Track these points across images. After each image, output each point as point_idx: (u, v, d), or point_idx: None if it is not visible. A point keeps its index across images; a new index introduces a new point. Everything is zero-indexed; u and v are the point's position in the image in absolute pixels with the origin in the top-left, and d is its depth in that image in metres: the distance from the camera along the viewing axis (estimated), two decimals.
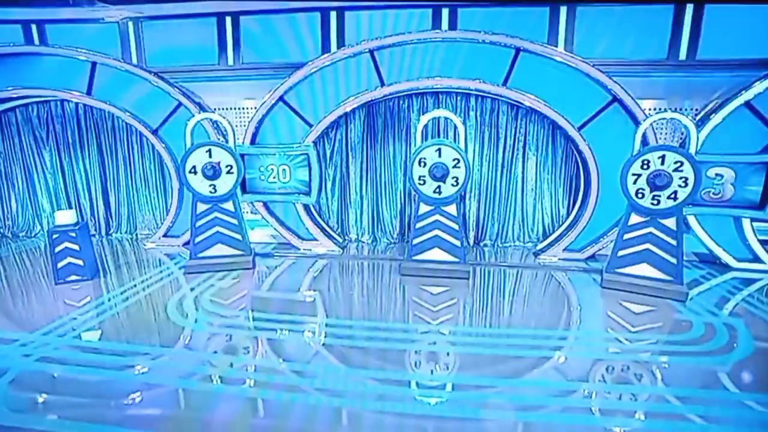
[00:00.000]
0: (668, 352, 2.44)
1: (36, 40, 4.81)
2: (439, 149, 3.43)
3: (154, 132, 4.37)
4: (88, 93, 4.29)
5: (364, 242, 4.68)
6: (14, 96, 4.40)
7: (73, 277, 3.44)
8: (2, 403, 1.96)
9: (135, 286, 3.42)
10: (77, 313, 2.90)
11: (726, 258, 3.73)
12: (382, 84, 3.98)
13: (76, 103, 4.59)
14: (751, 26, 3.85)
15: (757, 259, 3.67)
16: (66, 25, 4.73)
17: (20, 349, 2.42)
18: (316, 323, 2.84)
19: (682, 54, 4.06)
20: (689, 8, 3.91)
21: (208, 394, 2.05)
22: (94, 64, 4.23)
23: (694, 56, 4.05)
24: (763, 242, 3.67)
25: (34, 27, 4.78)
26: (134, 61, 4.78)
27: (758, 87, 3.41)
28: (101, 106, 4.32)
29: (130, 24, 4.70)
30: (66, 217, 3.44)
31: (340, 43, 4.47)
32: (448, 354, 2.43)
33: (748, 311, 2.93)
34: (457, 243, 3.55)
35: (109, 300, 3.14)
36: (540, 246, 4.27)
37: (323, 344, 2.55)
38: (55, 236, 3.37)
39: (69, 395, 2.04)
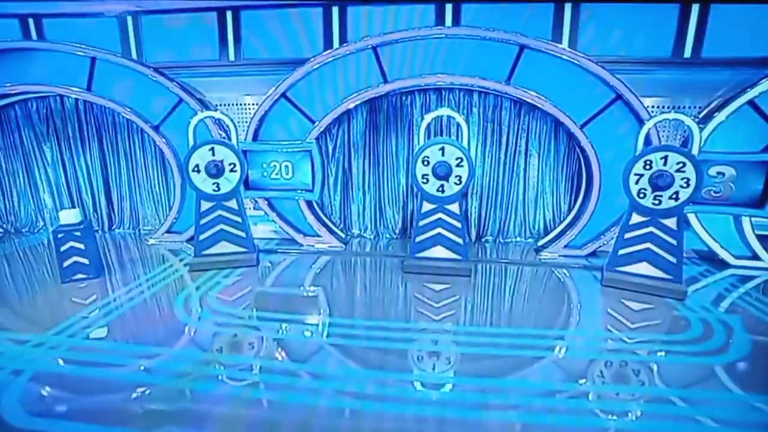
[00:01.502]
0: (666, 350, 2.50)
1: (34, 35, 4.75)
2: (443, 148, 3.43)
3: (155, 128, 4.36)
4: (88, 88, 4.26)
5: (366, 238, 4.72)
6: (12, 92, 4.36)
7: (79, 276, 3.47)
8: (18, 404, 2.01)
9: (140, 285, 3.46)
10: (85, 312, 2.94)
11: (724, 255, 3.78)
12: (385, 80, 3.96)
13: (76, 99, 4.56)
14: (756, 24, 3.82)
15: (755, 256, 3.72)
16: (64, 19, 4.66)
17: (33, 349, 2.47)
18: (318, 320, 2.89)
19: (687, 52, 4.03)
20: (695, 6, 3.88)
21: (213, 391, 2.10)
22: (93, 59, 4.19)
23: (699, 54, 4.03)
24: (761, 239, 3.71)
25: (31, 21, 4.71)
26: (134, 56, 4.72)
27: (763, 85, 3.41)
28: (101, 102, 4.29)
29: (129, 18, 4.64)
30: (70, 216, 3.46)
31: (343, 39, 4.42)
32: (450, 351, 2.48)
33: (746, 309, 2.99)
34: (460, 240, 3.58)
35: (115, 300, 3.17)
36: (541, 242, 4.31)
37: (326, 341, 2.59)
38: (60, 235, 3.38)
39: (82, 394, 2.09)
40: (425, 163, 3.46)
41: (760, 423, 1.92)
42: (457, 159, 3.42)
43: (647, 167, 3.07)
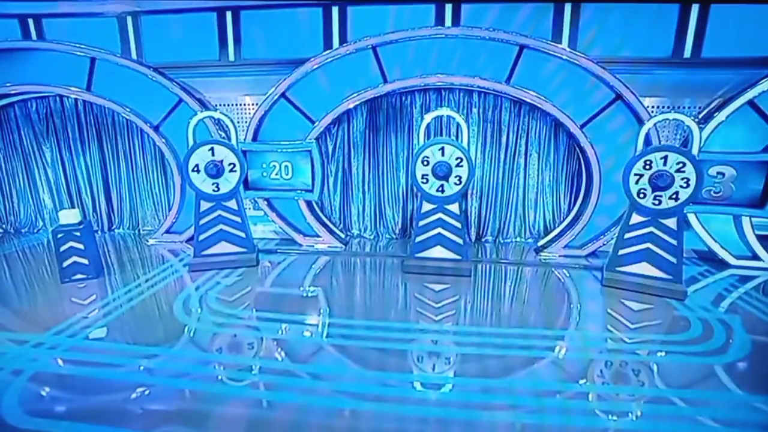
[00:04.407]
0: (666, 350, 2.49)
1: (33, 35, 4.75)
2: (443, 148, 3.43)
3: (155, 128, 4.35)
4: (88, 88, 4.26)
5: (366, 238, 4.72)
6: (12, 92, 4.36)
7: (79, 276, 3.47)
8: (18, 405, 2.01)
9: (140, 285, 3.45)
10: (85, 312, 2.94)
11: (724, 255, 3.78)
12: (385, 81, 3.96)
13: (75, 99, 4.56)
14: (756, 24, 3.83)
15: (755, 256, 3.72)
16: (64, 19, 4.66)
17: (32, 350, 2.46)
18: (318, 320, 2.89)
19: (687, 52, 4.04)
20: (695, 6, 3.88)
21: (213, 391, 2.10)
22: (93, 59, 4.19)
23: (699, 54, 4.03)
24: (761, 239, 3.71)
25: (31, 21, 4.71)
26: (134, 56, 4.72)
27: (763, 85, 3.41)
28: (101, 102, 4.29)
29: (129, 18, 4.64)
30: (70, 216, 3.45)
31: (343, 39, 4.42)
32: (449, 352, 2.48)
33: (746, 309, 2.99)
34: (460, 241, 3.58)
35: (115, 300, 3.17)
36: (541, 243, 4.31)
37: (325, 341, 2.59)
38: (59, 235, 3.38)
39: (82, 394, 2.09)
40: (425, 163, 3.46)
41: (760, 423, 1.92)
42: (457, 159, 3.42)
43: (647, 167, 3.07)
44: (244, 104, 4.65)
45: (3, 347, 2.49)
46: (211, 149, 3.64)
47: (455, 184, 3.45)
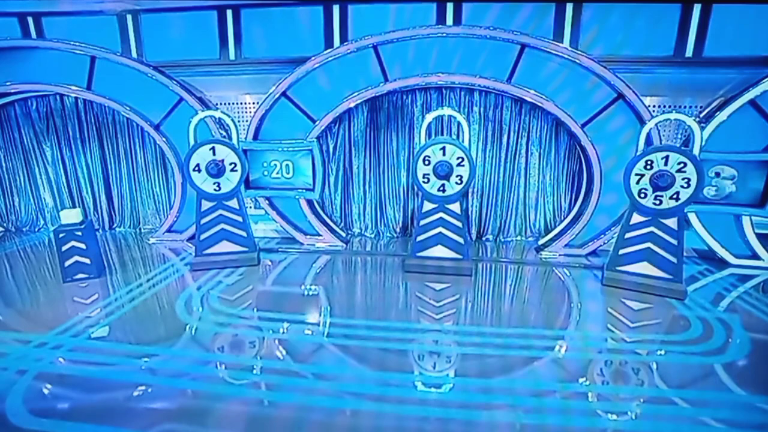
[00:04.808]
0: (666, 350, 2.51)
1: (33, 34, 4.74)
2: (444, 147, 3.43)
3: (156, 127, 4.35)
4: (88, 87, 4.25)
5: (367, 237, 4.72)
6: (12, 91, 4.35)
7: (81, 275, 3.47)
8: (22, 404, 2.02)
9: (141, 284, 3.46)
10: (87, 311, 2.95)
11: (724, 254, 3.78)
12: (386, 79, 3.95)
13: (76, 97, 4.55)
14: (758, 24, 3.81)
15: (755, 255, 3.72)
16: (63, 17, 4.64)
17: (36, 349, 2.47)
18: (319, 319, 2.90)
19: (689, 51, 4.02)
20: (697, 6, 3.87)
21: (214, 390, 2.11)
22: (93, 58, 4.18)
23: (701, 53, 4.02)
24: (761, 238, 3.71)
25: (30, 20, 4.69)
26: (134, 54, 4.71)
27: (764, 85, 3.40)
28: (101, 101, 4.28)
29: (129, 17, 4.62)
30: (72, 216, 3.46)
31: (344, 38, 4.41)
32: (450, 351, 2.49)
33: (745, 308, 2.99)
34: (461, 240, 3.58)
35: (117, 299, 3.18)
36: (542, 242, 4.31)
37: (327, 340, 2.60)
38: (61, 235, 3.39)
39: (85, 394, 2.10)
40: (426, 162, 3.46)
41: (760, 423, 1.93)
42: (458, 158, 3.42)
43: (648, 167, 3.07)
44: (245, 103, 4.65)
45: (7, 347, 2.50)
46: (212, 149, 3.63)
47: (456, 183, 3.46)
